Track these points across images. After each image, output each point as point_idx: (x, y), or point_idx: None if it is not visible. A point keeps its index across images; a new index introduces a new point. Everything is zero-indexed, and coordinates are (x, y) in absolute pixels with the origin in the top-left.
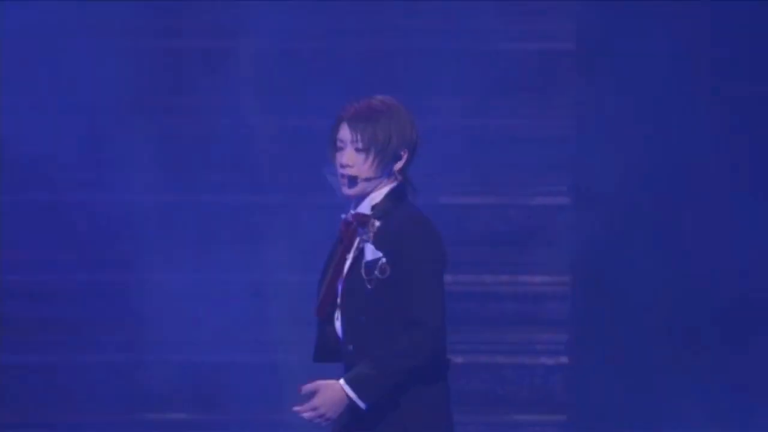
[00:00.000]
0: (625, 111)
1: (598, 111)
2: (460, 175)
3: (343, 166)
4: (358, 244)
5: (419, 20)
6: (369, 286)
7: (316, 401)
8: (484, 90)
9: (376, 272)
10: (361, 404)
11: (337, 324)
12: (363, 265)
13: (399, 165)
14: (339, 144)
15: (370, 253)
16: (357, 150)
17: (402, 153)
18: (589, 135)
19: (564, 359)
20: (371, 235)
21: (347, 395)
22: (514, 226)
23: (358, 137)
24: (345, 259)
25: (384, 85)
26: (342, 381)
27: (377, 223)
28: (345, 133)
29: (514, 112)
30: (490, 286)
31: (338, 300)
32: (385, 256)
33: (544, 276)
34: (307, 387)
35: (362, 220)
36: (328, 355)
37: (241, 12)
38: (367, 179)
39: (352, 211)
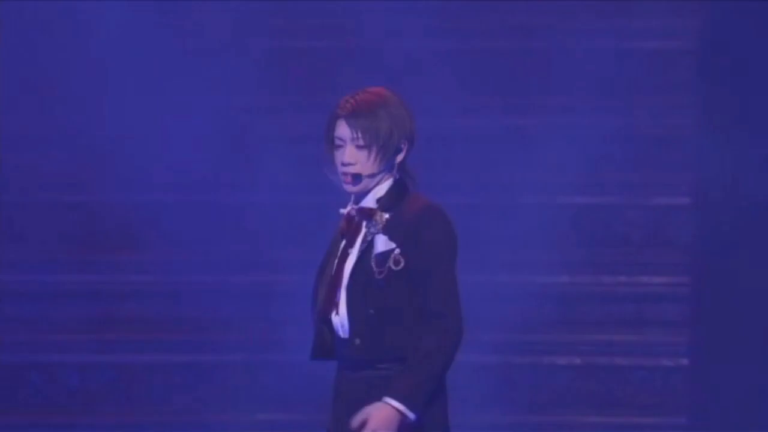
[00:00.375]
0: (745, 110)
1: (717, 110)
2: (577, 174)
3: (345, 164)
4: (365, 236)
5: (542, 20)
6: (379, 278)
7: (370, 426)
8: (605, 88)
9: (390, 263)
10: (411, 415)
11: (335, 319)
12: (373, 257)
13: (400, 157)
14: (338, 142)
15: (382, 244)
16: (358, 147)
17: (402, 145)
18: (708, 134)
19: (684, 361)
20: (381, 226)
21: (396, 410)
22: (633, 226)
23: (359, 134)
24: (347, 254)
25: (507, 84)
26: (387, 399)
27: (386, 215)
28: (343, 130)
29: (633, 110)
30: (609, 287)
31: (340, 295)
32: (399, 246)
33: (663, 277)
34: (357, 419)
35: (369, 213)
36: (325, 352)
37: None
38: (371, 175)
39: (354, 206)
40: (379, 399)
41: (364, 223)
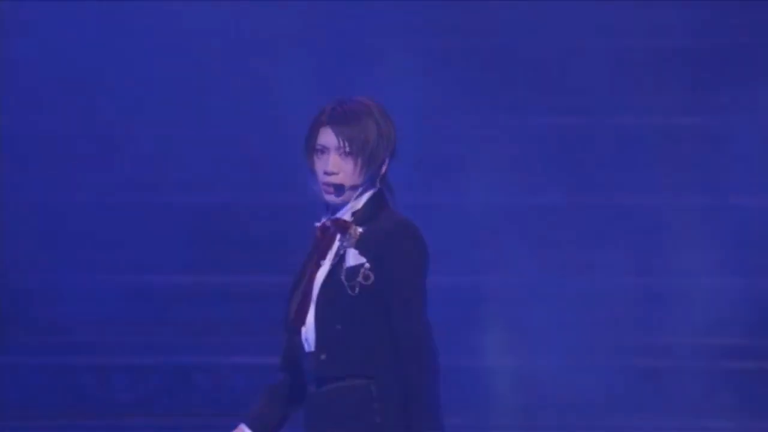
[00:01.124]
0: None
1: None
2: (747, 174)
3: (328, 173)
4: (338, 250)
5: (743, 17)
6: (351, 293)
7: None
8: None
9: (359, 278)
10: None
11: (303, 332)
12: (343, 271)
13: (383, 170)
14: (320, 149)
15: (353, 258)
16: (343, 155)
17: (386, 157)
18: None
19: None
20: (353, 241)
21: None
22: None
23: (345, 142)
24: (319, 266)
25: (691, 82)
26: None
27: (360, 230)
28: (328, 138)
29: None
30: None
31: (310, 308)
32: (369, 261)
33: None
34: None
35: (343, 226)
36: (292, 366)
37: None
38: (354, 187)
39: (330, 217)
40: (343, 411)
41: (338, 236)
